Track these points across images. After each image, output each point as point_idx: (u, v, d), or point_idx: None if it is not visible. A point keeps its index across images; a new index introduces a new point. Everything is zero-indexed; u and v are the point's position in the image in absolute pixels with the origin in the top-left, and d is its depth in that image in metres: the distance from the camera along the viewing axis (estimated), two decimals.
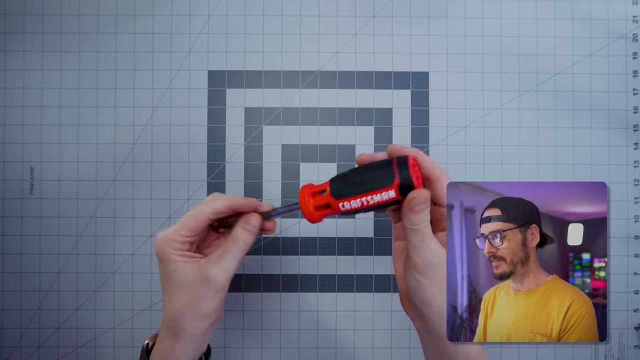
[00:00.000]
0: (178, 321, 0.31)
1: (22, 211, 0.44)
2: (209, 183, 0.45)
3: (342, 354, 0.44)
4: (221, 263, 0.32)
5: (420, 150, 0.33)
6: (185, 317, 0.31)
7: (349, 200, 0.31)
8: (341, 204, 0.31)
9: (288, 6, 0.45)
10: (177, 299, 0.32)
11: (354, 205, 0.31)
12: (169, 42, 0.45)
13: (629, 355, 0.44)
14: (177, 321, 0.32)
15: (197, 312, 0.31)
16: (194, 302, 0.31)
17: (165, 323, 0.32)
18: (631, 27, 0.45)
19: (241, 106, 0.45)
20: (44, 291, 0.44)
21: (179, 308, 0.31)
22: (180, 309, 0.31)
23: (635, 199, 0.44)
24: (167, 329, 0.32)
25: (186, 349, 0.32)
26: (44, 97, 0.44)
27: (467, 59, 0.45)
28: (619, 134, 0.45)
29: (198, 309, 0.31)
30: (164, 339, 0.32)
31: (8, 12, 0.45)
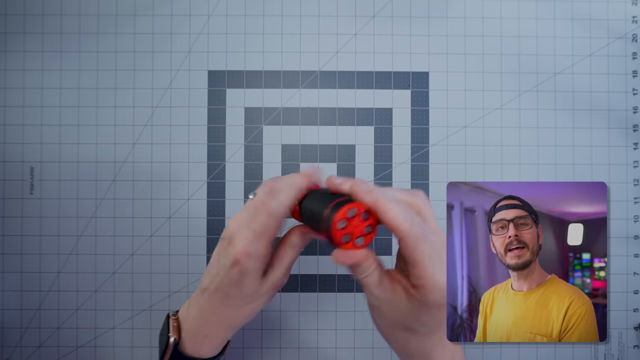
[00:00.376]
0: (236, 322, 0.33)
1: (22, 211, 0.44)
2: (209, 183, 0.45)
3: (342, 354, 0.44)
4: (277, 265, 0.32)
5: (382, 194, 0.28)
6: (243, 317, 0.33)
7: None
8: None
9: (288, 6, 0.45)
10: (239, 304, 0.32)
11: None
12: (169, 42, 0.45)
13: (629, 355, 0.44)
14: (235, 321, 0.33)
15: (254, 310, 0.33)
16: (253, 306, 0.33)
17: (214, 321, 0.33)
18: (631, 27, 0.45)
19: (241, 106, 0.45)
20: (44, 291, 0.44)
21: (239, 311, 0.33)
22: (241, 312, 0.33)
23: (635, 199, 0.44)
24: (221, 325, 0.33)
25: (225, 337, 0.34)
26: (44, 97, 0.44)
27: (467, 59, 0.45)
28: (619, 134, 0.45)
29: (255, 308, 0.33)
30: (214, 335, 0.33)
31: (8, 12, 0.45)
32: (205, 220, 0.44)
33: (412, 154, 0.45)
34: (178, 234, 0.44)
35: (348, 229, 0.28)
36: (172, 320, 0.34)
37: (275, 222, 0.30)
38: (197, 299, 0.33)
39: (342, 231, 0.27)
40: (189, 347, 0.33)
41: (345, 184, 0.29)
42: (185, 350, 0.33)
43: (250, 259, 0.29)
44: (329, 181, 0.30)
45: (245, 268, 0.30)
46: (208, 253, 0.44)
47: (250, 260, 0.30)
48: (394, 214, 0.27)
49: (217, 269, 0.32)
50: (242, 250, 0.29)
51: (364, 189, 0.28)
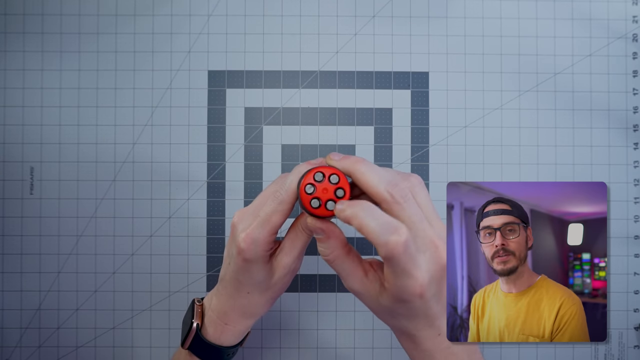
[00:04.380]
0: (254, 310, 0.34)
1: (22, 211, 0.44)
2: (209, 183, 0.45)
3: (342, 354, 0.44)
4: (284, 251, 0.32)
5: (360, 161, 0.29)
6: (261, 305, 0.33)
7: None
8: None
9: (288, 6, 0.45)
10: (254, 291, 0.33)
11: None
12: (169, 42, 0.45)
13: (629, 355, 0.44)
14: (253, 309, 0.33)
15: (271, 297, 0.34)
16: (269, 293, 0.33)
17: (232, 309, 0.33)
18: (631, 27, 0.45)
19: (241, 106, 0.45)
20: (44, 291, 0.44)
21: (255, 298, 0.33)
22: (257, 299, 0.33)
23: (635, 199, 0.44)
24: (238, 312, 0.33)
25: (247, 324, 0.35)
26: (44, 97, 0.44)
27: (467, 59, 0.45)
28: (619, 134, 0.45)
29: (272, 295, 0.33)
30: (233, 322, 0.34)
31: (8, 12, 0.45)
32: (205, 220, 0.44)
33: (412, 154, 0.45)
34: (178, 234, 0.44)
35: (317, 194, 0.28)
36: (197, 306, 0.35)
37: (280, 207, 0.30)
38: (217, 289, 0.35)
39: (310, 196, 0.28)
40: (211, 333, 0.34)
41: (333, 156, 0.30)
42: (207, 336, 0.34)
43: (252, 245, 0.30)
44: (327, 158, 0.31)
45: (248, 255, 0.30)
46: (208, 253, 0.44)
47: (252, 247, 0.30)
48: (368, 176, 0.28)
49: (229, 259, 0.33)
50: (245, 237, 0.30)
51: (339, 157, 0.29)
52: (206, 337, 0.34)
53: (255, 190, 0.44)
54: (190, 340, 0.34)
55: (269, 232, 0.30)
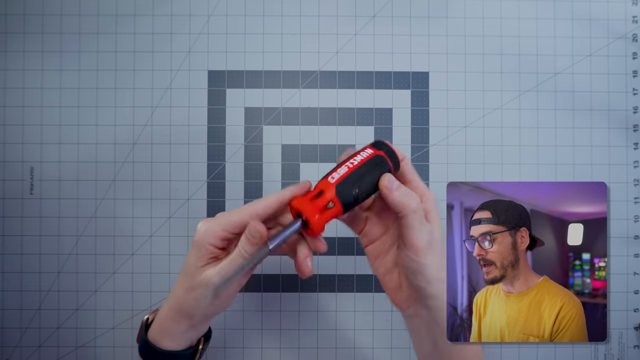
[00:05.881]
0: (193, 311, 0.32)
1: (22, 211, 0.44)
2: (209, 183, 0.45)
3: (342, 354, 0.44)
4: (219, 265, 0.31)
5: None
6: (202, 309, 0.32)
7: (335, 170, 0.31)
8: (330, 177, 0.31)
9: (288, 6, 0.45)
10: (184, 287, 0.32)
11: (341, 172, 0.31)
12: (169, 42, 0.45)
13: (629, 355, 0.44)
14: (191, 310, 0.32)
15: (217, 306, 0.32)
16: (195, 296, 0.32)
17: (170, 300, 0.32)
18: (631, 27, 0.45)
19: (241, 106, 0.45)
20: (44, 291, 0.44)
21: (198, 299, 0.32)
22: (200, 300, 0.32)
23: (635, 199, 0.44)
24: (173, 307, 0.32)
25: (188, 330, 0.33)
26: (44, 97, 0.44)
27: (467, 59, 0.45)
28: (619, 134, 0.45)
29: (194, 306, 0.32)
30: (167, 318, 0.33)
31: (8, 12, 0.45)
32: None
33: (412, 154, 0.45)
34: (178, 234, 0.44)
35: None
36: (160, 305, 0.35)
37: (239, 217, 0.31)
38: None
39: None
40: (152, 334, 0.33)
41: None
42: (149, 335, 0.33)
43: (202, 230, 0.31)
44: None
45: (197, 240, 0.31)
46: None
47: (202, 232, 0.31)
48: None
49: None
50: (199, 227, 0.32)
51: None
52: (149, 336, 0.33)
53: (256, 190, 0.44)
54: (140, 333, 0.34)
55: (221, 229, 0.31)
